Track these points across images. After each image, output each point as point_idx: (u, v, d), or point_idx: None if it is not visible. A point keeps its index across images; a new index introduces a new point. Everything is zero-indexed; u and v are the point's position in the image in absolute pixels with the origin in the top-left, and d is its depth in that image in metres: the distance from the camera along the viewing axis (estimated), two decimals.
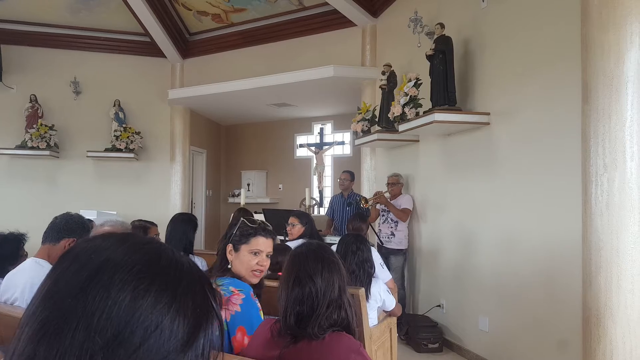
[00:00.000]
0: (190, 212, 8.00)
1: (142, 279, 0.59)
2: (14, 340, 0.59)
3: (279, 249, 3.37)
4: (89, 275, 0.59)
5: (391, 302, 3.30)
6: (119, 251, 0.62)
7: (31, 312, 0.59)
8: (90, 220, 3.51)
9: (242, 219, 2.29)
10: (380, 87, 6.23)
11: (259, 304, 2.14)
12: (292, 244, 3.83)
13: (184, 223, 3.96)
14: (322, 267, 1.77)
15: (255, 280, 2.22)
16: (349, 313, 1.76)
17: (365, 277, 3.19)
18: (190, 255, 3.55)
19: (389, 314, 3.43)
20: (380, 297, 3.22)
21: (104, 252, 0.62)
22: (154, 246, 0.65)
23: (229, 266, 2.21)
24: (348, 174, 6.59)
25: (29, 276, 2.44)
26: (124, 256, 0.61)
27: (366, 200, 5.91)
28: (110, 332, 0.55)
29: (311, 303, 1.71)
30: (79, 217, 2.78)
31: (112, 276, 0.58)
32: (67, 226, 2.66)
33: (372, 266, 3.25)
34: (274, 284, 2.75)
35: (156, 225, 3.88)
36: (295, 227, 4.33)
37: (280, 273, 2.43)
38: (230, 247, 2.23)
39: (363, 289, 2.82)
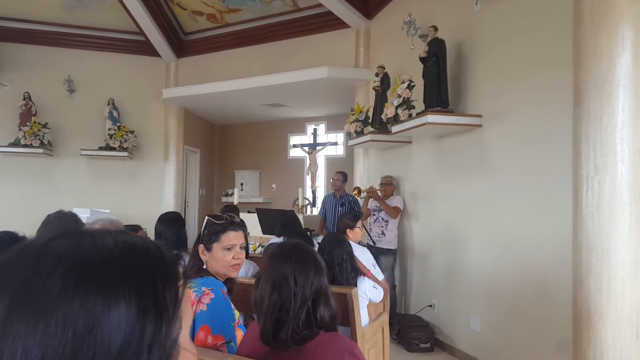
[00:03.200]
0: (174, 211, 7.92)
1: (71, 283, 0.51)
2: None
3: None
4: (17, 289, 0.52)
5: (377, 297, 3.33)
6: (45, 255, 0.54)
7: None
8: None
9: (207, 217, 2.24)
10: (373, 88, 6.26)
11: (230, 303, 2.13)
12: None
13: (174, 222, 3.95)
14: (294, 268, 1.72)
15: (236, 274, 2.21)
16: (323, 312, 1.70)
17: (344, 277, 3.19)
18: (184, 253, 3.54)
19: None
20: (366, 296, 3.25)
21: (32, 259, 0.55)
22: (79, 240, 0.56)
23: (204, 267, 2.18)
24: (341, 174, 6.61)
25: None
26: (49, 259, 0.54)
27: (359, 191, 5.96)
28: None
29: (288, 308, 1.67)
30: (72, 215, 2.76)
31: (39, 284, 0.52)
32: (61, 224, 2.64)
33: (352, 268, 3.25)
34: (250, 281, 2.75)
35: (142, 228, 3.85)
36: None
37: None
38: (202, 247, 2.19)
39: (355, 289, 2.84)
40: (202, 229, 2.23)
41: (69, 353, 0.49)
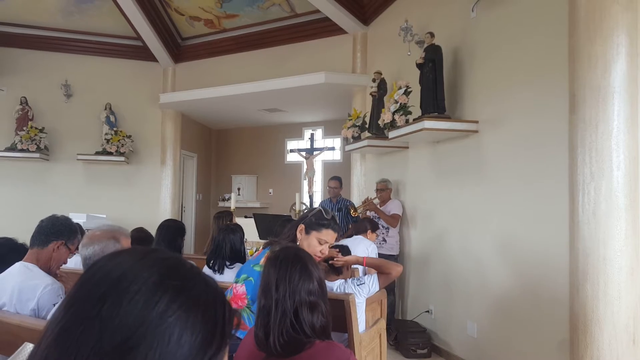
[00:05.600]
0: (176, 219, 7.93)
1: (156, 290, 0.62)
2: (37, 343, 0.63)
3: None
4: (108, 287, 0.62)
5: (374, 285, 3.25)
6: (137, 264, 0.65)
7: (54, 318, 0.63)
8: (77, 225, 3.47)
9: (320, 207, 2.56)
10: (370, 94, 6.27)
11: None
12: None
13: (171, 229, 3.96)
14: (278, 275, 1.72)
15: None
16: (311, 320, 1.69)
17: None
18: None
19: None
20: (363, 293, 3.19)
21: (124, 266, 0.65)
22: (172, 261, 0.69)
23: (297, 243, 2.42)
24: (337, 181, 6.60)
25: (17, 280, 2.39)
26: (141, 269, 0.64)
27: (355, 209, 5.93)
28: (119, 338, 0.58)
29: (272, 314, 1.67)
30: (66, 219, 2.74)
31: (128, 287, 0.62)
32: (55, 229, 2.63)
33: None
34: None
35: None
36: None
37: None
38: (302, 227, 2.47)
39: (353, 295, 2.83)
40: (310, 213, 2.53)
41: (145, 338, 0.59)
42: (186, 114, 9.65)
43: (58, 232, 2.63)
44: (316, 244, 2.43)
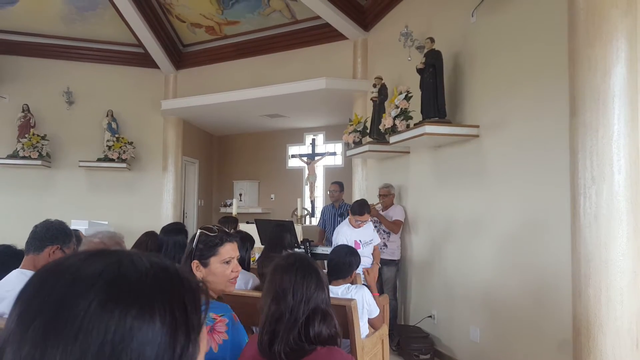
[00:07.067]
0: (178, 222, 7.88)
1: (100, 320, 0.54)
2: None
3: None
4: (44, 331, 0.54)
5: (376, 310, 3.30)
6: (72, 289, 0.56)
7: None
8: (76, 230, 3.47)
9: (200, 230, 2.10)
10: (371, 99, 6.28)
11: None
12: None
13: (175, 233, 3.95)
14: (295, 282, 1.72)
15: (233, 288, 2.10)
16: (320, 328, 1.69)
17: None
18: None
19: (370, 323, 3.40)
20: (367, 304, 3.21)
21: (58, 295, 0.56)
22: (113, 268, 0.59)
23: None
24: (337, 185, 6.60)
25: (16, 288, 2.37)
26: (78, 295, 0.55)
27: None
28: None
29: (283, 321, 1.67)
30: (60, 224, 2.73)
31: (65, 330, 0.53)
32: (49, 233, 2.61)
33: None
34: (253, 294, 2.70)
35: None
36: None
37: None
38: (196, 263, 2.03)
39: (355, 301, 2.83)
40: (195, 243, 2.06)
41: None
42: (188, 121, 9.68)
43: (52, 236, 2.62)
44: (223, 268, 2.02)
